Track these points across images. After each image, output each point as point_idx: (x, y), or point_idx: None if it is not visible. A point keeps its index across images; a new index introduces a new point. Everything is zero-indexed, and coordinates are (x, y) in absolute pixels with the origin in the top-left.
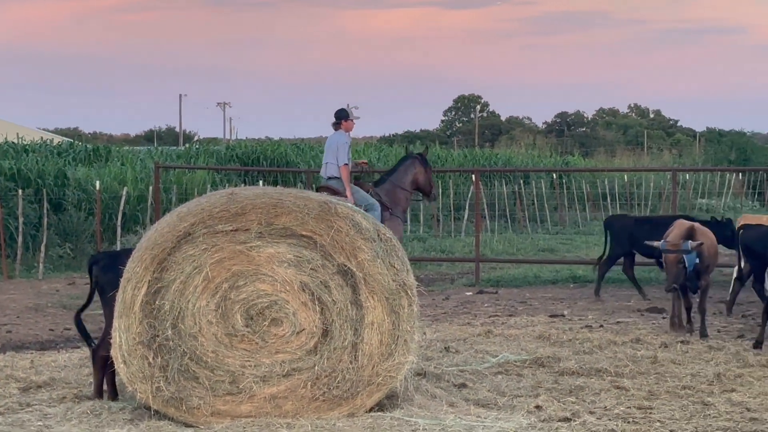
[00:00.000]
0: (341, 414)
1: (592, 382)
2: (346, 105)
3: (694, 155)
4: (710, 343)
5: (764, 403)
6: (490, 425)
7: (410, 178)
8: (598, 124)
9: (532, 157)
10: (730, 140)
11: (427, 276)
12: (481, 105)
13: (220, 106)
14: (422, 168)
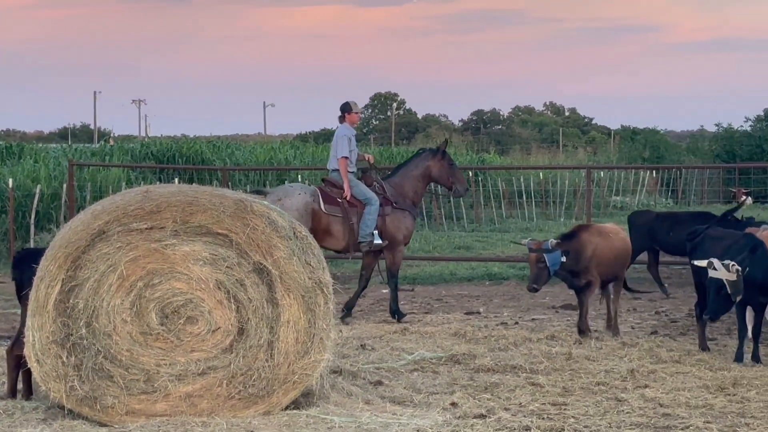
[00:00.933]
0: (257, 412)
1: (507, 378)
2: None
3: (609, 153)
4: (624, 340)
5: (677, 399)
6: (405, 422)
7: (421, 172)
8: (514, 122)
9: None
10: (644, 138)
11: (344, 274)
12: (397, 103)
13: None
14: (436, 161)
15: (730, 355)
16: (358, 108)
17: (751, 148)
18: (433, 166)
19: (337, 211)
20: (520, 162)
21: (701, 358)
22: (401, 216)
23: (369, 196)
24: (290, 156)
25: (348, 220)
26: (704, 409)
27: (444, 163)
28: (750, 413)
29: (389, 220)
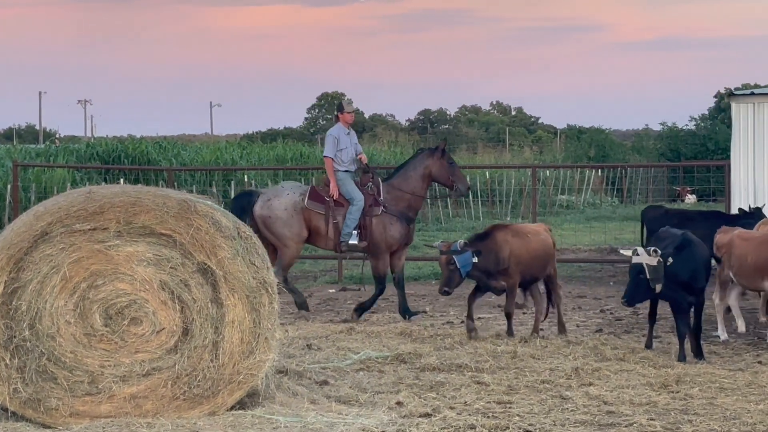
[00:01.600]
0: (202, 413)
1: (453, 377)
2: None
3: (555, 152)
4: (569, 338)
5: (621, 397)
6: (351, 422)
7: (420, 173)
8: (461, 122)
9: (394, 154)
10: (589, 137)
11: (290, 274)
12: None
13: (81, 103)
14: (436, 160)
15: (674, 353)
16: (351, 107)
17: (695, 146)
18: (432, 166)
19: (320, 208)
20: (466, 161)
21: (645, 355)
22: (389, 221)
23: (354, 196)
24: (237, 156)
25: (332, 219)
26: (648, 406)
27: (444, 162)
28: (693, 410)
29: (376, 222)
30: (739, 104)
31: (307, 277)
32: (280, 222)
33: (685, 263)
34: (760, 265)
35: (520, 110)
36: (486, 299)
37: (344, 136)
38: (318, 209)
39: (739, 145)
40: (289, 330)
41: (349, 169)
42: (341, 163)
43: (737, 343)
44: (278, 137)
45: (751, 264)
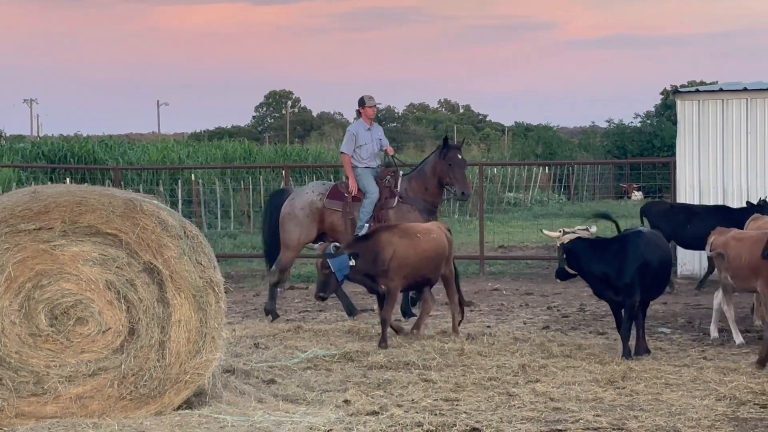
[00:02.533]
0: (149, 413)
1: (400, 375)
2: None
3: (503, 149)
4: (516, 335)
5: (567, 393)
6: (298, 420)
7: (430, 169)
8: (409, 120)
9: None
10: (536, 134)
11: (238, 273)
12: (292, 101)
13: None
14: (440, 159)
15: (620, 350)
16: (372, 102)
17: (641, 143)
18: (437, 165)
19: (338, 205)
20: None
21: (591, 352)
22: (405, 210)
23: (368, 189)
24: (184, 155)
25: (348, 215)
26: (594, 402)
27: (444, 163)
28: (639, 406)
29: (392, 213)
30: (684, 102)
31: (254, 275)
32: (294, 221)
33: (605, 262)
34: (753, 265)
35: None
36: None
37: (364, 132)
38: (335, 207)
39: (684, 142)
40: (236, 329)
41: (369, 165)
42: (360, 159)
43: (682, 339)
44: (226, 136)
45: (746, 264)
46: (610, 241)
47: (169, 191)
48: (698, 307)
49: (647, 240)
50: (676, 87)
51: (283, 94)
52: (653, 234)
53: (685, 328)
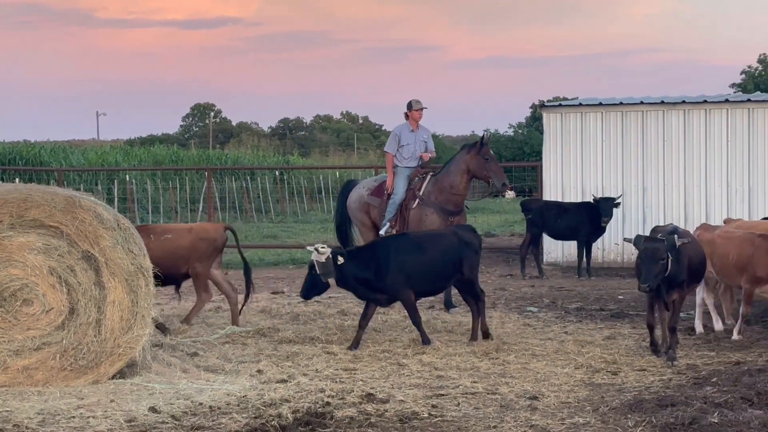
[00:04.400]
0: (87, 382)
1: (306, 348)
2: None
3: None
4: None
5: (449, 363)
6: (217, 388)
7: (460, 167)
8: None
9: (257, 156)
10: None
11: None
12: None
13: None
14: (473, 155)
15: (495, 326)
16: (419, 105)
17: (514, 150)
18: (470, 161)
19: (376, 202)
20: (319, 163)
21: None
22: (423, 212)
23: (396, 189)
24: (119, 158)
25: (383, 211)
26: (472, 371)
27: (479, 158)
28: (509, 374)
29: (412, 214)
30: (550, 114)
31: None
32: (352, 212)
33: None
34: (741, 263)
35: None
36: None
37: (408, 133)
38: (374, 202)
39: (549, 148)
40: (164, 309)
41: (409, 165)
42: (401, 159)
43: (547, 316)
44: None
45: (733, 262)
46: (364, 249)
47: (106, 190)
48: (561, 290)
49: (400, 244)
50: (543, 101)
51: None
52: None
53: (550, 307)
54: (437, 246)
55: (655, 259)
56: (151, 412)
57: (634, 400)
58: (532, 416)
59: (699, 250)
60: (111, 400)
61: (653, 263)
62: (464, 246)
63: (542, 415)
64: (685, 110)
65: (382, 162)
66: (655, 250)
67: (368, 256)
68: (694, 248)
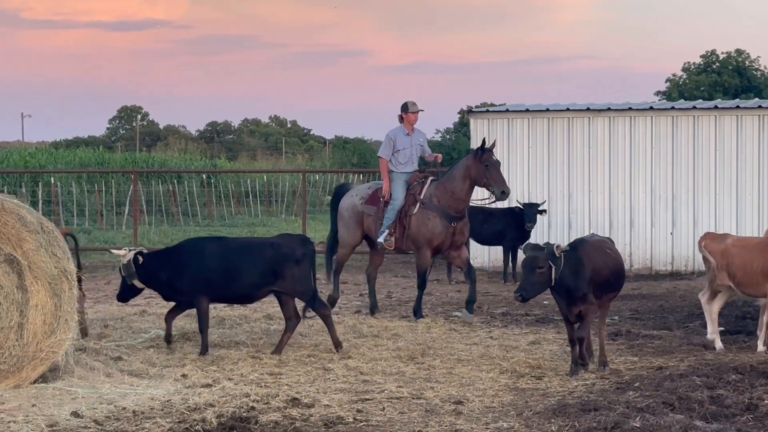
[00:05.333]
0: (8, 386)
1: (232, 353)
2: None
3: (324, 159)
4: (334, 319)
5: (375, 368)
6: (141, 392)
7: (462, 173)
8: (243, 132)
9: (185, 160)
10: (353, 146)
11: (92, 264)
12: (142, 115)
13: None
14: (474, 162)
15: (421, 331)
16: (416, 107)
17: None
18: (471, 167)
19: (372, 210)
20: (246, 167)
21: (396, 332)
22: (425, 217)
23: (395, 195)
24: (45, 161)
25: (380, 219)
26: (397, 375)
27: (480, 164)
28: (435, 378)
29: (414, 220)
30: (477, 120)
31: (107, 266)
32: (342, 221)
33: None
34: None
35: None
36: None
37: (403, 137)
38: (370, 211)
39: None
40: (88, 313)
41: (405, 170)
42: (397, 164)
43: (476, 321)
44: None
45: (758, 270)
46: (167, 251)
47: (31, 192)
48: (487, 294)
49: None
50: (471, 107)
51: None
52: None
53: (475, 312)
54: (246, 254)
55: (532, 268)
56: (73, 417)
57: (558, 405)
58: (456, 421)
59: (610, 259)
60: (33, 404)
61: (530, 272)
62: (281, 257)
63: (467, 419)
64: (610, 117)
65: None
66: (532, 259)
67: (169, 258)
68: (602, 258)
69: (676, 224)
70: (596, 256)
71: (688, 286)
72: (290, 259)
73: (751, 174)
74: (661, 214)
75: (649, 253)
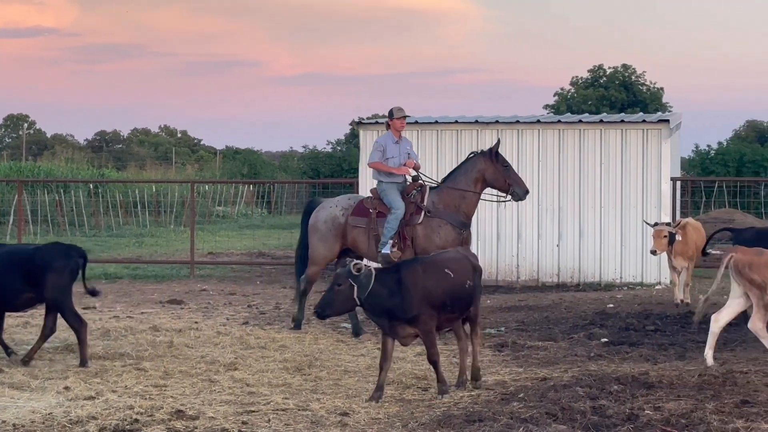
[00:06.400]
0: None
1: (116, 364)
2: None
3: (214, 169)
4: (219, 329)
5: (261, 379)
6: (22, 405)
7: (473, 177)
8: (133, 142)
9: (71, 169)
10: (243, 157)
11: None
12: (28, 123)
13: None
14: (490, 164)
15: (309, 342)
16: (401, 113)
17: (332, 166)
18: (486, 170)
19: (362, 222)
20: (135, 177)
21: (283, 344)
22: (435, 225)
23: (394, 204)
24: None
25: (372, 231)
26: (284, 387)
27: (498, 166)
28: (321, 390)
29: (420, 230)
30: (366, 131)
31: None
32: (318, 235)
33: None
34: None
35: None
36: (149, 296)
37: (392, 144)
38: (359, 223)
39: (365, 165)
40: None
41: (395, 180)
42: (386, 174)
43: (368, 332)
44: None
45: None
46: None
47: None
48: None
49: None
50: (361, 119)
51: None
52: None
53: (363, 323)
54: (3, 260)
55: (331, 286)
56: None
57: (443, 416)
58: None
59: (446, 280)
60: None
61: (329, 289)
62: (41, 265)
63: (352, 430)
64: (498, 130)
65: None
66: (335, 276)
67: None
68: (436, 278)
69: (563, 236)
70: (427, 276)
71: (574, 297)
72: (49, 268)
73: (635, 187)
74: (547, 226)
75: (536, 264)
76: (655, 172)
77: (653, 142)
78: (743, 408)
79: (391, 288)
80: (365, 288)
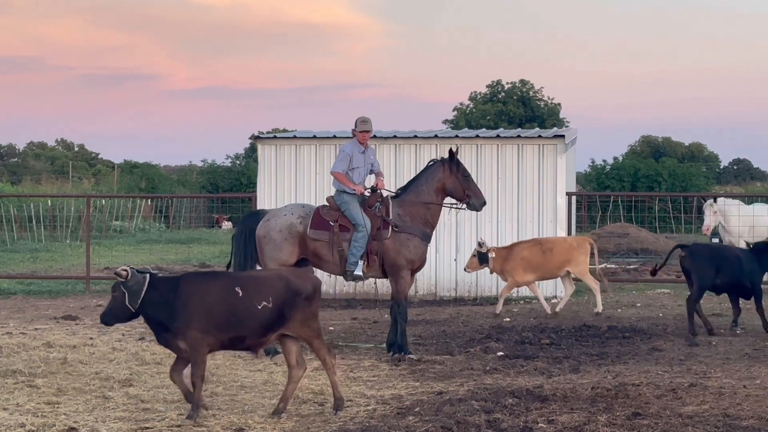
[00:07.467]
0: None
1: (8, 381)
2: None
3: (111, 183)
4: (115, 345)
5: (156, 395)
6: None
7: (434, 187)
8: (29, 156)
9: None
10: (141, 171)
11: None
12: None
13: None
14: (448, 173)
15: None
16: (365, 126)
17: (231, 180)
18: (446, 179)
19: (323, 236)
20: (30, 191)
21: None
22: (404, 239)
23: (358, 221)
24: None
25: (336, 246)
26: (179, 403)
27: (459, 176)
28: (217, 405)
29: (389, 244)
30: (265, 146)
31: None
32: (272, 245)
33: None
34: None
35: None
36: (44, 312)
37: (358, 154)
38: (320, 237)
39: (264, 179)
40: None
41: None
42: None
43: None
44: None
45: None
46: None
47: None
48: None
49: None
50: (261, 133)
51: None
52: None
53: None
54: None
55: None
56: None
57: (339, 431)
58: None
59: (233, 298)
60: None
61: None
62: None
63: None
64: (396, 144)
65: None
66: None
67: None
68: (220, 295)
69: (460, 250)
70: (209, 291)
71: (471, 311)
72: None
73: (531, 201)
74: (445, 240)
75: (434, 279)
76: (551, 187)
77: (549, 157)
78: (634, 420)
79: (165, 298)
80: (137, 296)
